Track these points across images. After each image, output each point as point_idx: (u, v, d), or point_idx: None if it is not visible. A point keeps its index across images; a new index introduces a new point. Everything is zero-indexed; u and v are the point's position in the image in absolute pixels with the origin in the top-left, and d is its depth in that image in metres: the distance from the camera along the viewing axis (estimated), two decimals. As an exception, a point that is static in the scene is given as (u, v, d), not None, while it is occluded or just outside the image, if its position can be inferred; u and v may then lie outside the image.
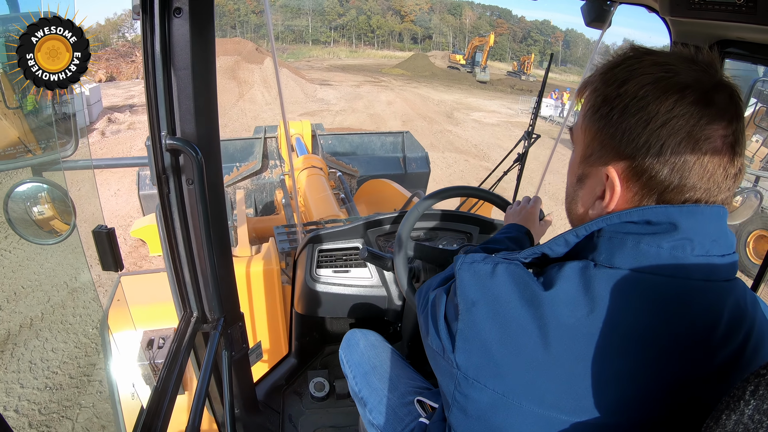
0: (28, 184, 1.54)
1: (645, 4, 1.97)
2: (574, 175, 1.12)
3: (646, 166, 0.93)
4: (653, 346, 0.89)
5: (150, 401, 1.51)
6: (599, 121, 1.00)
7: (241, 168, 7.54)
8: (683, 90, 0.90)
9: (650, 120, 0.91)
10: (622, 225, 0.96)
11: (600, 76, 1.02)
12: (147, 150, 1.60)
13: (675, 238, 0.91)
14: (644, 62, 0.96)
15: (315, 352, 3.40)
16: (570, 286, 0.93)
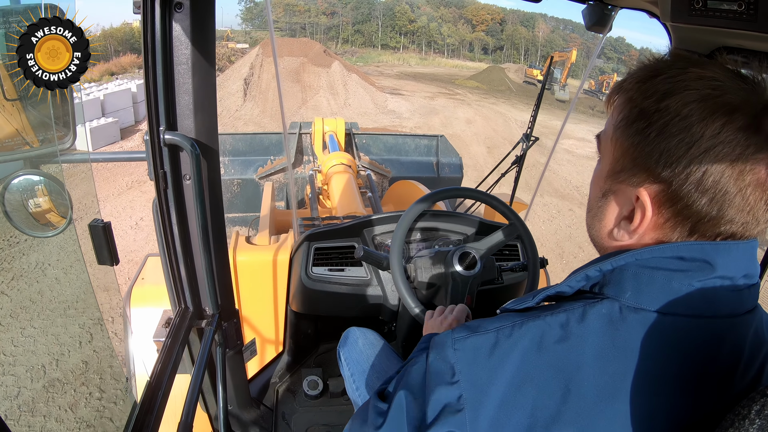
0: (25, 177, 1.53)
1: (646, 10, 1.97)
2: (599, 189, 1.02)
3: (684, 193, 0.85)
4: (681, 390, 0.86)
5: (143, 396, 1.51)
6: (634, 136, 0.91)
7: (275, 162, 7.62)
8: (732, 113, 0.81)
9: (693, 143, 0.82)
10: (651, 260, 0.89)
11: (637, 85, 0.92)
12: (145, 145, 1.60)
13: (709, 277, 0.86)
14: (689, 75, 0.86)
15: (309, 350, 3.40)
16: (597, 340, 0.87)
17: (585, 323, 0.89)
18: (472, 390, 0.92)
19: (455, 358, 0.95)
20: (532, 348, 0.90)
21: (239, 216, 7.68)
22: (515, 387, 0.89)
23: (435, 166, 8.16)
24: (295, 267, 2.73)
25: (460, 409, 0.92)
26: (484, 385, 0.91)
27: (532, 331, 0.92)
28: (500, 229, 2.15)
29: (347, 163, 5.75)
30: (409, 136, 8.68)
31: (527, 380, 0.89)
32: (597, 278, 0.95)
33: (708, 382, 0.87)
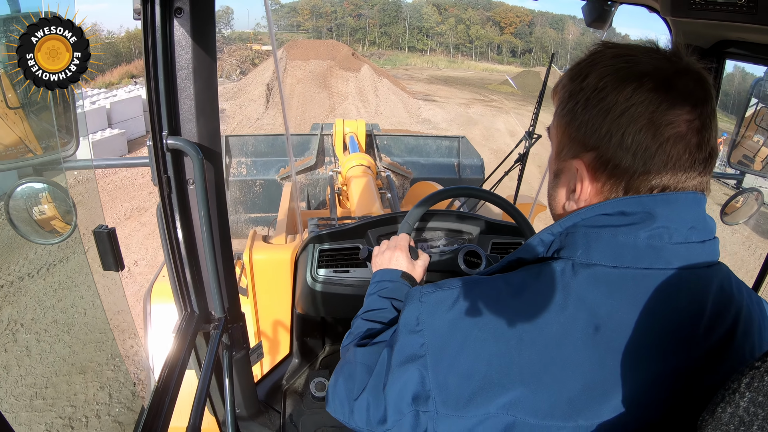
0: (29, 184, 1.54)
1: (646, 5, 1.97)
2: (551, 172, 1.13)
3: (610, 155, 0.94)
4: (640, 343, 0.88)
5: (151, 401, 1.51)
6: (566, 115, 1.02)
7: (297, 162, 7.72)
8: (641, 78, 0.91)
9: (610, 110, 0.93)
10: (596, 218, 0.96)
11: (567, 73, 1.04)
12: (148, 150, 1.60)
13: (651, 228, 0.91)
14: (605, 55, 0.98)
15: (316, 351, 3.40)
16: (549, 293, 0.93)
17: (539, 279, 0.97)
18: (433, 338, 1.01)
19: (420, 309, 1.05)
20: (490, 302, 0.98)
21: (261, 216, 7.80)
22: (473, 337, 0.96)
23: (456, 167, 8.20)
24: (300, 269, 2.73)
25: (422, 354, 1.01)
26: (444, 334, 1.00)
27: (491, 287, 1.01)
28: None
29: (367, 165, 5.76)
30: (430, 137, 8.78)
31: (484, 331, 0.96)
32: (554, 243, 1.02)
33: (665, 332, 0.90)
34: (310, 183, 7.82)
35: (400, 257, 1.71)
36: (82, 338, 6.04)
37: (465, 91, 40.35)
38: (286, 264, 2.92)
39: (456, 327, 0.99)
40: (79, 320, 6.41)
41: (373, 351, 1.22)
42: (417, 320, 1.04)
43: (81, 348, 5.86)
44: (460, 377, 0.96)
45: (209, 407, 2.31)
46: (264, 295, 3.04)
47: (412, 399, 1.02)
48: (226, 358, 2.09)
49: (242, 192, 7.72)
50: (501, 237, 2.63)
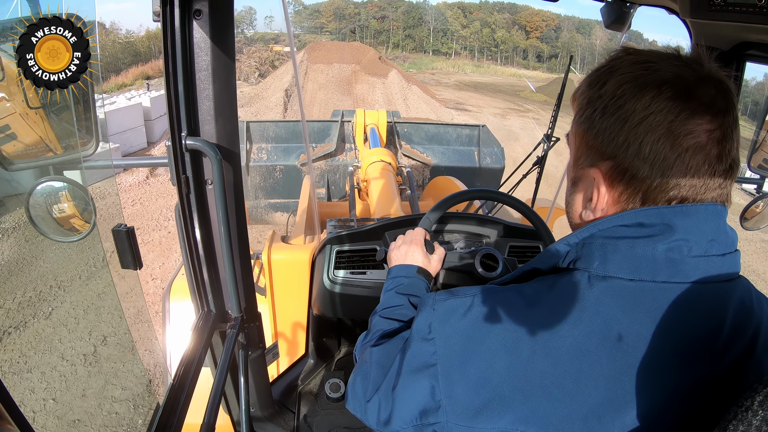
0: (49, 183, 1.55)
1: (665, 6, 1.96)
2: (569, 180, 1.11)
3: (627, 164, 0.92)
4: (657, 358, 0.86)
5: (166, 398, 1.52)
6: (584, 123, 1.00)
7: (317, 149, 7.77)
8: (660, 86, 0.89)
9: (627, 118, 0.91)
10: (614, 229, 0.94)
11: (586, 80, 1.02)
12: (167, 150, 1.61)
13: (670, 240, 0.89)
14: (625, 61, 0.96)
15: (331, 352, 3.41)
16: (565, 305, 0.92)
17: (554, 290, 0.95)
18: (444, 346, 1.00)
19: (433, 317, 1.05)
20: (503, 312, 0.96)
21: (281, 202, 7.86)
22: (485, 348, 0.95)
23: (476, 155, 8.16)
24: (318, 270, 2.74)
25: (433, 363, 1.00)
26: (456, 343, 0.99)
27: (505, 297, 0.99)
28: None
29: (387, 160, 5.73)
30: (450, 125, 8.74)
31: (496, 342, 0.94)
32: (569, 253, 1.00)
33: (683, 347, 0.87)
34: (330, 169, 7.85)
35: (416, 252, 1.71)
36: (100, 334, 6.08)
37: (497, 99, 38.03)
38: (305, 264, 2.93)
39: (468, 336, 0.98)
40: (98, 317, 6.45)
41: (387, 351, 1.21)
42: (429, 328, 1.04)
43: (98, 344, 5.90)
44: (470, 387, 0.95)
45: (224, 406, 2.32)
46: (282, 295, 3.05)
47: (419, 413, 1.02)
48: (242, 357, 2.10)
49: (262, 177, 7.74)
50: (519, 240, 2.62)
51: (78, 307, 6.62)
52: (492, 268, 1.91)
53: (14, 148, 1.48)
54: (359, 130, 7.64)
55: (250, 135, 7.63)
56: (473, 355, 0.96)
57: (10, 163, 1.45)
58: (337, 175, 7.88)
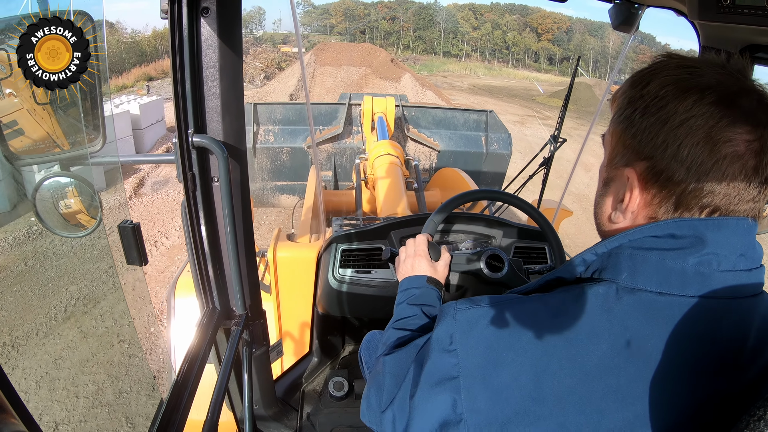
0: (56, 179, 1.56)
1: (674, 8, 1.96)
2: (601, 180, 1.09)
3: (664, 166, 0.91)
4: (684, 373, 0.86)
5: (170, 395, 1.53)
6: (623, 122, 0.99)
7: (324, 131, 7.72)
8: (704, 90, 0.87)
9: (668, 119, 0.89)
10: (644, 240, 0.93)
11: (628, 80, 1.01)
12: (174, 147, 1.62)
13: (701, 253, 0.88)
14: (670, 65, 0.94)
15: (336, 351, 3.41)
16: (592, 318, 0.90)
17: (580, 302, 0.93)
18: (467, 358, 0.97)
19: (454, 327, 1.02)
20: (528, 323, 0.94)
21: (287, 184, 7.87)
22: (509, 360, 0.93)
23: (483, 141, 8.12)
24: (323, 268, 2.75)
25: (455, 375, 0.97)
26: (479, 354, 0.96)
27: (529, 307, 0.97)
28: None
29: (395, 154, 5.63)
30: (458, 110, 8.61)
31: (521, 354, 0.92)
32: (594, 263, 0.99)
33: (708, 363, 0.87)
34: (337, 152, 7.85)
35: (421, 263, 1.71)
36: (105, 329, 6.10)
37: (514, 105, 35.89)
38: (310, 263, 2.93)
39: (491, 348, 0.96)
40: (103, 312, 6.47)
41: (400, 360, 1.20)
42: (450, 338, 1.01)
43: (103, 339, 5.92)
44: (494, 401, 0.93)
45: (227, 403, 2.32)
46: (286, 293, 3.06)
47: (439, 426, 1.00)
48: (246, 354, 2.11)
49: (269, 159, 7.74)
50: (524, 241, 2.62)
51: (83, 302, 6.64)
52: (497, 269, 1.91)
53: (21, 144, 1.49)
54: (367, 118, 7.54)
55: (257, 117, 7.62)
56: (497, 367, 0.94)
57: (17, 159, 1.46)
58: (344, 157, 7.87)
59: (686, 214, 0.91)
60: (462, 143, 8.11)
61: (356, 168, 5.97)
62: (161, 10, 1.45)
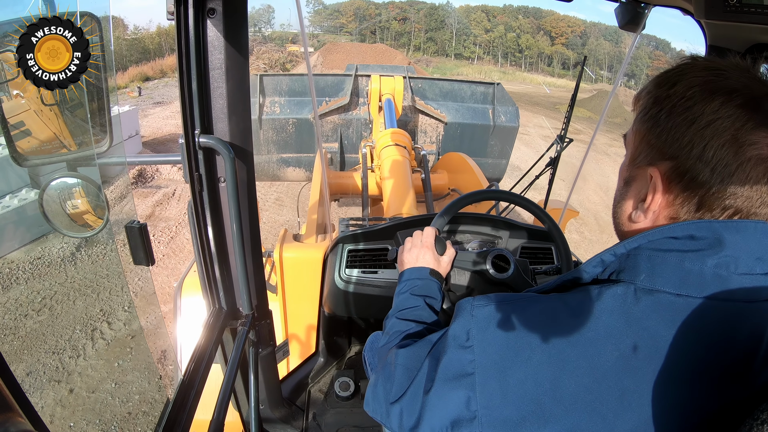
0: (63, 179, 1.57)
1: (680, 7, 1.95)
2: (622, 179, 1.10)
3: (689, 166, 0.91)
4: (698, 377, 0.86)
5: (176, 394, 1.53)
6: (648, 121, 0.99)
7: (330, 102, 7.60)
8: (731, 93, 0.88)
9: (695, 120, 0.90)
10: (663, 241, 0.93)
11: (654, 80, 1.01)
12: (180, 148, 1.62)
13: (720, 255, 0.87)
14: (696, 66, 0.95)
15: (342, 351, 3.42)
16: (611, 319, 0.90)
17: (599, 302, 0.93)
18: (483, 355, 0.98)
19: (471, 323, 1.02)
20: (546, 322, 0.95)
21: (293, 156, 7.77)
22: (525, 358, 0.93)
23: (491, 113, 8.00)
24: (329, 269, 2.75)
25: (471, 372, 0.98)
26: (495, 352, 0.97)
27: (547, 306, 0.98)
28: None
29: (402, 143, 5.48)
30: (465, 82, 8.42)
31: (538, 353, 0.93)
32: (612, 264, 0.98)
33: (723, 368, 0.87)
34: (344, 123, 7.76)
35: (426, 254, 1.72)
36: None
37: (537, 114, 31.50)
38: (316, 263, 2.94)
39: (508, 346, 0.96)
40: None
41: (414, 353, 1.20)
42: (467, 335, 1.02)
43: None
44: (509, 399, 0.93)
45: (233, 403, 2.33)
46: (293, 294, 3.06)
47: (451, 423, 1.00)
48: (252, 354, 2.11)
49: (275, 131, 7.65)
50: (530, 242, 2.62)
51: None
52: (503, 269, 1.90)
53: (28, 144, 1.49)
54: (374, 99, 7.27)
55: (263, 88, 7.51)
56: (514, 365, 0.94)
57: (25, 159, 1.47)
58: (351, 129, 7.79)
59: (707, 215, 0.92)
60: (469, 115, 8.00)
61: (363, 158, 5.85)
62: (167, 11, 1.46)
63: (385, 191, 4.74)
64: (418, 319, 1.45)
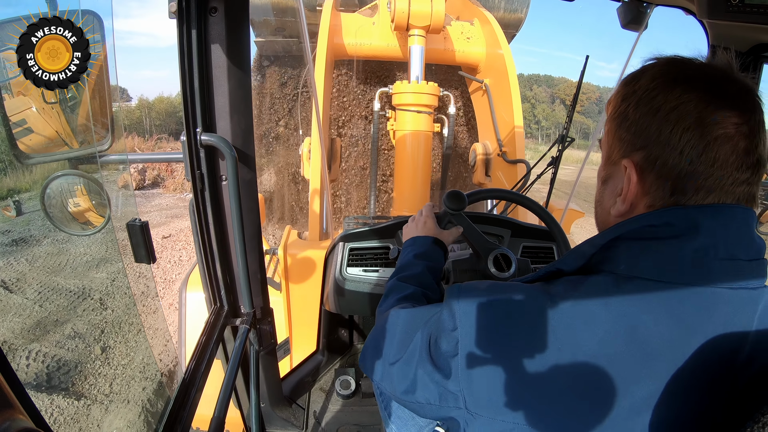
0: (65, 177, 1.57)
1: (682, 7, 1.95)
2: (600, 180, 1.12)
3: (658, 153, 0.93)
4: (679, 363, 0.86)
5: (177, 392, 1.53)
6: (618, 118, 1.02)
7: None
8: (691, 80, 0.92)
9: (660, 108, 0.93)
10: (641, 230, 0.95)
11: (621, 82, 1.05)
12: (182, 146, 1.62)
13: (697, 240, 0.89)
14: (659, 62, 1.00)
15: (343, 350, 3.42)
16: (590, 306, 0.92)
17: (579, 290, 0.95)
18: (467, 339, 0.99)
19: (457, 308, 1.03)
20: (529, 310, 0.96)
21: None
22: (509, 344, 0.95)
23: None
24: (330, 267, 2.75)
25: (455, 354, 1.01)
26: (479, 337, 0.99)
27: (530, 295, 0.98)
28: None
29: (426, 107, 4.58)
30: None
31: (520, 339, 0.94)
32: (594, 255, 1.01)
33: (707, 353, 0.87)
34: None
35: (429, 223, 1.79)
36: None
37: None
38: (319, 261, 2.95)
39: (492, 331, 0.98)
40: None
41: (413, 318, 1.24)
42: (454, 319, 1.03)
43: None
44: (492, 383, 0.95)
45: (234, 401, 2.33)
46: (296, 291, 3.07)
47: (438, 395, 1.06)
48: (254, 353, 2.11)
49: None
50: (532, 241, 2.62)
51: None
52: (505, 268, 1.90)
53: (30, 142, 1.49)
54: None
55: None
56: (497, 350, 0.96)
57: (27, 157, 1.47)
58: None
59: (682, 198, 0.93)
60: None
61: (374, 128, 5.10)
62: (170, 11, 1.46)
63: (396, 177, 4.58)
64: (420, 284, 1.51)
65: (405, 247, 1.72)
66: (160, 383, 5.22)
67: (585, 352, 0.89)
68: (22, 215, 11.04)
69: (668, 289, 0.89)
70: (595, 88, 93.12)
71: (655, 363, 0.86)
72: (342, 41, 4.82)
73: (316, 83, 2.83)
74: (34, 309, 6.42)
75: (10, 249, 9.01)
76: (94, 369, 5.39)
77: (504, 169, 4.64)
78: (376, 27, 4.98)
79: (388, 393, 1.22)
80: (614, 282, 0.93)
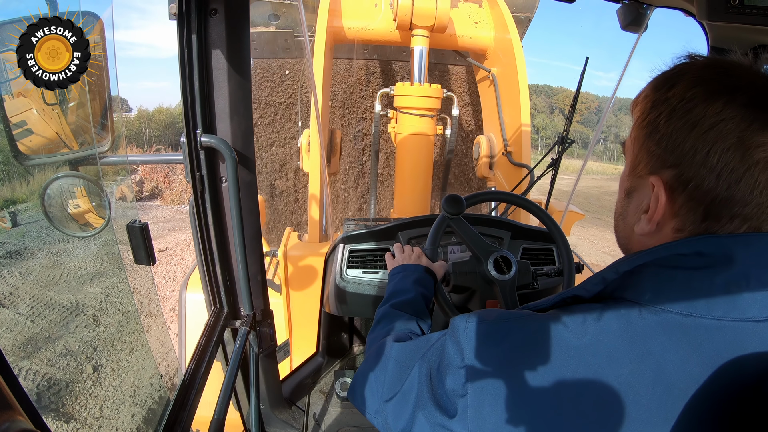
0: (65, 179, 1.57)
1: (682, 8, 1.95)
2: (623, 190, 1.03)
3: (692, 174, 0.84)
4: (709, 402, 0.79)
5: (177, 394, 1.53)
6: (647, 127, 0.92)
7: None
8: (734, 92, 0.81)
9: (697, 123, 0.83)
10: (669, 258, 0.87)
11: (651, 83, 0.95)
12: (182, 147, 1.62)
13: (730, 272, 0.81)
14: (696, 65, 0.89)
15: (342, 352, 3.42)
16: (613, 341, 0.84)
17: (601, 323, 0.87)
18: (476, 376, 0.91)
19: (464, 342, 0.95)
20: (545, 342, 0.89)
21: None
22: (522, 380, 0.87)
23: None
24: (330, 269, 2.74)
25: (463, 394, 0.92)
26: (490, 373, 0.90)
27: (547, 325, 0.90)
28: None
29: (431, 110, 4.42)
30: None
31: (537, 375, 0.87)
32: (615, 281, 0.92)
33: (734, 393, 0.80)
34: None
35: (420, 258, 1.78)
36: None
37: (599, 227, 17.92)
38: (319, 263, 2.95)
39: (504, 365, 0.90)
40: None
41: (408, 352, 1.17)
42: (461, 355, 0.95)
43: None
44: (503, 422, 0.87)
45: (234, 402, 2.33)
46: (296, 293, 3.07)
47: None
48: (253, 354, 2.11)
49: None
50: (532, 243, 2.62)
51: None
52: (505, 270, 1.90)
53: (30, 144, 1.49)
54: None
55: None
56: (509, 387, 0.88)
57: (26, 158, 1.47)
58: None
59: (715, 226, 0.85)
60: None
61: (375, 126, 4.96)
62: (170, 12, 1.46)
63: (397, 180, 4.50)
64: (414, 312, 1.45)
65: (394, 273, 1.68)
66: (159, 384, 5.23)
67: (607, 392, 0.82)
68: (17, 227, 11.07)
69: (697, 325, 0.81)
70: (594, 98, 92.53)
71: (680, 405, 0.80)
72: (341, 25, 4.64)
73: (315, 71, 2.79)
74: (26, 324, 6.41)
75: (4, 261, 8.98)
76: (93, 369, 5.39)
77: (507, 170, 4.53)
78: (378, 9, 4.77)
79: (382, 430, 1.15)
80: (639, 315, 0.85)
